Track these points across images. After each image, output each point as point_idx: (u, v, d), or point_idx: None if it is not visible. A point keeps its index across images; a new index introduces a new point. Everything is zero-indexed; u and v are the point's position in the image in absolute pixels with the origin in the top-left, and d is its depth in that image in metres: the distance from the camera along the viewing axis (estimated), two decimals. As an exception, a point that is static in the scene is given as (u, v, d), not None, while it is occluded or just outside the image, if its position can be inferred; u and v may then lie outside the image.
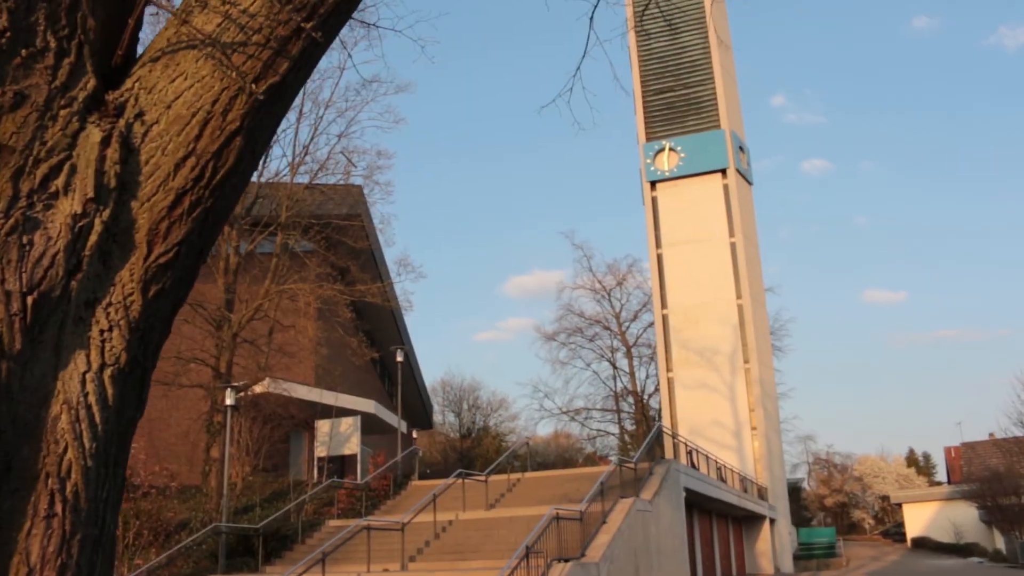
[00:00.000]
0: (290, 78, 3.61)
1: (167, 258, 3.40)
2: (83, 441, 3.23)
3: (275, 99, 3.60)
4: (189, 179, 3.41)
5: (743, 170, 45.39)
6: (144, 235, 3.37)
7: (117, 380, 3.33)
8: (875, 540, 61.87)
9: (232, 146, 3.48)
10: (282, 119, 3.82)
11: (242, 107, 3.48)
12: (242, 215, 28.46)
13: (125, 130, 3.38)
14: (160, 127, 3.42)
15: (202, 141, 3.42)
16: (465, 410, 69.31)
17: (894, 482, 66.09)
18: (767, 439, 41.29)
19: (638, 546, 21.25)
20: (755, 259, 45.46)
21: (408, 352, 48.19)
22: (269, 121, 3.65)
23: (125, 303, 3.33)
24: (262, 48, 3.49)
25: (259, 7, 3.48)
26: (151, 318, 3.43)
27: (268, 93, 3.54)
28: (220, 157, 3.46)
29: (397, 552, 20.60)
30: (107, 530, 3.41)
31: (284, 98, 3.67)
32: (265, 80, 3.52)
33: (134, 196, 3.37)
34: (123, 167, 3.35)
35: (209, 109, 3.43)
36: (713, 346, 42.70)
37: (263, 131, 3.62)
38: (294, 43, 3.56)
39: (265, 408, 29.32)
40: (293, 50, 3.57)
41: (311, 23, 3.56)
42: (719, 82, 45.32)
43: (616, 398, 60.71)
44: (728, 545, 35.51)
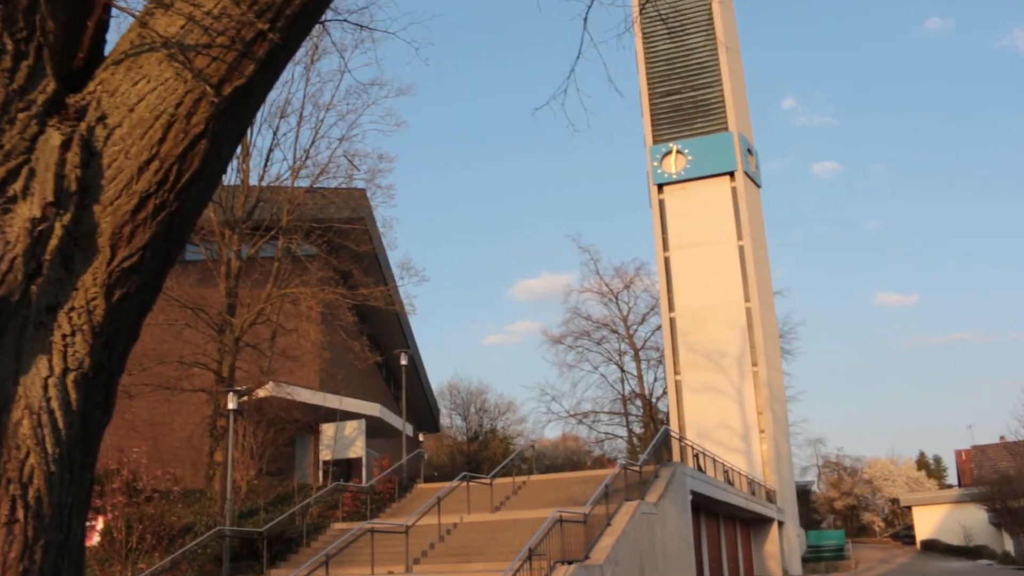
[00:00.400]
0: (257, 80, 3.59)
1: (131, 262, 3.38)
2: (46, 446, 3.21)
3: (241, 102, 3.57)
4: (153, 183, 3.38)
5: (751, 173, 45.24)
6: (107, 239, 3.35)
7: (81, 385, 3.31)
8: (885, 543, 61.59)
9: (197, 149, 3.45)
10: (251, 121, 3.80)
11: (207, 110, 3.45)
12: (243, 219, 28.49)
13: (87, 133, 3.36)
14: (123, 130, 3.40)
15: (166, 144, 3.40)
16: (472, 413, 69.33)
17: (904, 485, 65.81)
18: (775, 442, 41.13)
19: (643, 548, 21.18)
20: (763, 262, 45.30)
21: (413, 355, 48.19)
22: (236, 124, 3.62)
23: (88, 307, 3.31)
24: (227, 50, 3.47)
25: (223, 9, 3.45)
26: (116, 322, 3.40)
27: (234, 96, 3.52)
28: (184, 161, 3.43)
29: (401, 554, 20.58)
30: (73, 535, 3.39)
31: (251, 100, 3.64)
32: (230, 83, 3.49)
33: (96, 200, 3.35)
34: (85, 171, 3.33)
35: (173, 112, 3.41)
36: (721, 349, 42.54)
37: (229, 134, 3.60)
38: (260, 45, 3.53)
39: (269, 412, 29.32)
40: (259, 52, 3.54)
41: (278, 24, 3.54)
42: (727, 84, 45.17)
43: (624, 401, 60.62)
44: (736, 547, 35.39)
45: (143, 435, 31.53)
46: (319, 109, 29.29)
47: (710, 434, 40.75)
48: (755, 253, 43.32)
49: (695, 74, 45.99)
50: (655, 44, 47.00)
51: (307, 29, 3.79)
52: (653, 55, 46.97)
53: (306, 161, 29.17)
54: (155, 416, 31.81)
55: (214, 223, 28.34)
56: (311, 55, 29.15)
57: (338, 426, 32.90)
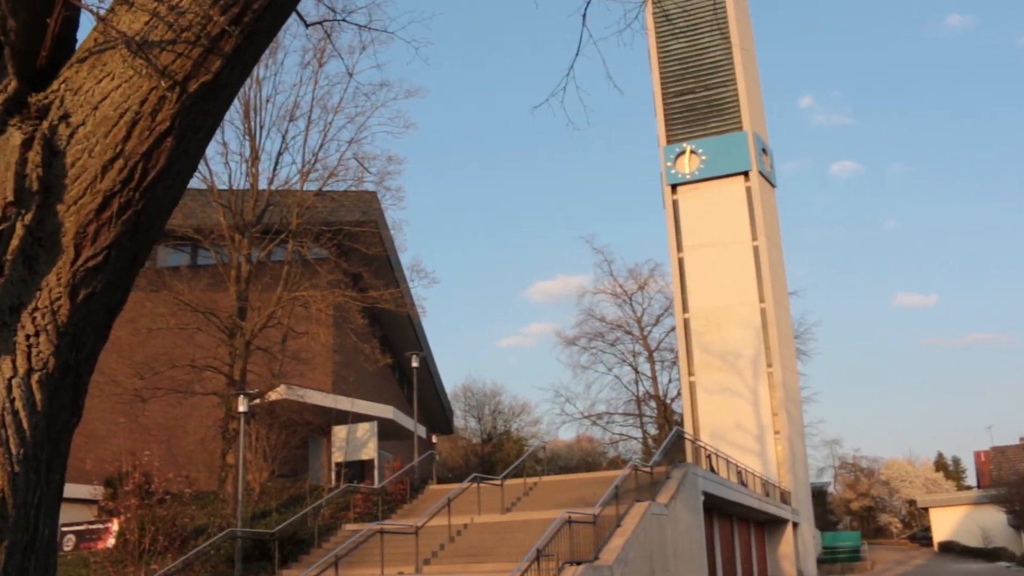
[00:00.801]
0: (224, 76, 3.55)
1: (96, 261, 3.35)
2: (10, 447, 3.19)
3: (209, 98, 3.54)
4: (117, 181, 3.36)
5: (766, 172, 45.01)
6: (71, 239, 3.32)
7: (46, 385, 3.28)
8: (902, 544, 61.17)
9: (163, 147, 3.42)
10: (221, 117, 3.75)
11: (172, 107, 3.42)
12: (253, 223, 28.56)
13: (49, 132, 3.34)
14: (87, 129, 3.37)
15: (130, 142, 3.37)
16: (487, 415, 69.31)
17: (922, 486, 65.34)
18: (790, 443, 40.91)
19: (653, 549, 21.10)
20: (778, 262, 45.07)
21: (426, 357, 48.20)
22: (204, 120, 3.59)
23: (52, 308, 3.28)
24: (192, 46, 3.43)
25: (188, 4, 3.43)
26: (82, 322, 3.38)
27: (200, 92, 3.49)
28: (150, 159, 3.41)
29: (411, 555, 20.58)
30: (40, 536, 3.36)
31: (219, 96, 3.60)
32: (196, 79, 3.46)
33: (60, 199, 3.33)
34: (47, 170, 3.31)
35: (137, 110, 3.38)
36: (735, 350, 42.34)
37: (197, 131, 3.56)
38: (226, 40, 3.50)
39: (281, 415, 29.40)
40: (226, 47, 3.50)
41: (245, 19, 3.51)
42: (741, 83, 44.96)
43: (638, 402, 60.45)
44: (750, 548, 35.22)
45: (157, 438, 31.71)
46: (328, 112, 29.36)
47: (724, 435, 40.58)
48: (770, 253, 43.09)
49: (709, 73, 45.79)
50: (668, 43, 46.85)
51: (278, 23, 3.75)
52: (666, 55, 46.82)
53: (315, 164, 29.23)
54: (169, 419, 31.98)
55: (224, 227, 28.43)
56: (319, 58, 29.22)
57: (350, 428, 32.96)
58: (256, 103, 29.20)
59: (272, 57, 29.50)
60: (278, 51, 29.75)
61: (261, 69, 29.25)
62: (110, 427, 30.38)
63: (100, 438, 30.03)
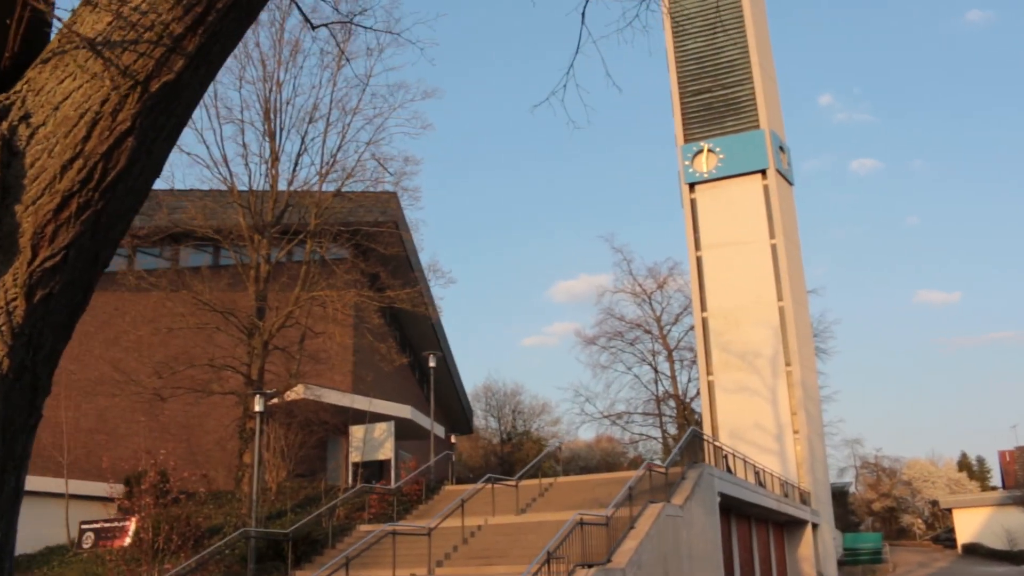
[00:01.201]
0: (188, 76, 3.53)
1: (54, 262, 3.34)
2: (-39, 449, 3.19)
3: (171, 98, 3.52)
4: (76, 181, 3.34)
5: (783, 170, 44.75)
6: (29, 239, 3.31)
7: (1, 387, 3.27)
8: (925, 546, 60.54)
9: (123, 147, 3.40)
10: (186, 118, 3.73)
11: (133, 107, 3.40)
12: (272, 223, 28.68)
13: (8, 133, 3.33)
14: (47, 129, 3.36)
15: (90, 142, 3.35)
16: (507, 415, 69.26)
17: (944, 487, 64.63)
18: (810, 443, 40.62)
19: (668, 551, 20.97)
20: (797, 260, 44.80)
21: (446, 357, 48.23)
22: (167, 120, 3.56)
23: (8, 308, 3.27)
24: (154, 46, 3.42)
25: (151, 4, 3.41)
26: (39, 323, 3.36)
27: (163, 92, 3.47)
28: (110, 158, 3.39)
29: (424, 557, 20.55)
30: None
31: (183, 97, 3.58)
32: (159, 79, 3.44)
33: (18, 200, 3.31)
34: (6, 171, 3.30)
35: (98, 110, 3.37)
36: (754, 349, 42.12)
37: (160, 131, 3.54)
38: (190, 39, 3.48)
39: (299, 414, 29.50)
40: (189, 47, 3.49)
41: (208, 18, 3.49)
42: (758, 81, 44.75)
43: (658, 402, 60.24)
44: (768, 550, 34.97)
45: (177, 437, 31.92)
46: (346, 113, 29.42)
47: (743, 435, 40.37)
48: (788, 251, 42.83)
49: (725, 72, 45.61)
50: (685, 43, 46.72)
51: (245, 22, 3.72)
52: (683, 53, 46.68)
53: (333, 165, 29.31)
54: (189, 418, 32.18)
55: (244, 228, 28.57)
56: (337, 60, 29.28)
57: (367, 428, 33.02)
58: (276, 105, 29.34)
59: (292, 59, 29.63)
60: (297, 54, 29.87)
61: (281, 71, 29.41)
62: (131, 426, 30.61)
63: (121, 436, 30.26)
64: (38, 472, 27.27)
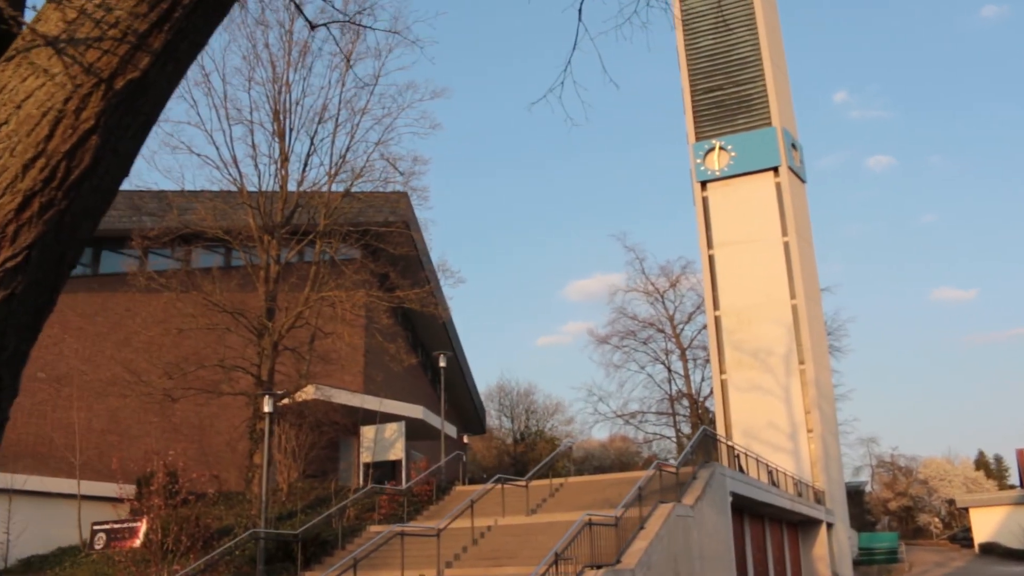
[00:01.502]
0: (154, 73, 3.46)
1: (16, 262, 3.28)
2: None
3: (137, 95, 3.45)
4: (39, 180, 3.28)
5: (796, 168, 44.51)
6: (-10, 239, 3.25)
7: (-37, 389, 3.21)
8: (942, 545, 60.08)
9: (87, 146, 3.34)
10: (155, 116, 3.66)
11: (97, 105, 3.34)
12: (282, 224, 28.69)
13: (-30, 132, 3.27)
14: (9, 128, 3.30)
15: (53, 141, 3.29)
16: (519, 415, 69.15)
17: (961, 485, 64.13)
18: (824, 441, 40.37)
19: (678, 552, 20.84)
20: (810, 258, 44.54)
21: (458, 357, 48.16)
22: (133, 119, 3.50)
23: (-31, 309, 3.21)
24: (119, 43, 3.35)
25: (116, 0, 3.34)
26: (1, 324, 3.30)
27: (128, 90, 3.40)
28: (74, 157, 3.32)
29: (433, 558, 20.48)
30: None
31: (150, 94, 3.51)
32: (123, 76, 3.38)
33: (-21, 200, 3.25)
34: (-32, 170, 3.24)
35: (61, 108, 3.30)
36: (767, 347, 41.90)
37: (126, 129, 3.47)
38: (156, 36, 3.42)
39: (310, 415, 29.50)
40: (155, 44, 3.42)
41: (174, 14, 3.42)
42: (769, 79, 44.53)
43: (671, 401, 60.06)
44: (782, 550, 34.76)
45: (189, 437, 31.97)
46: (355, 114, 29.39)
47: (757, 434, 40.17)
48: (801, 249, 42.59)
49: (737, 69, 45.41)
50: (696, 40, 46.55)
51: (214, 18, 3.65)
52: (694, 51, 46.51)
53: (343, 166, 29.29)
54: (201, 419, 32.23)
55: (253, 228, 28.59)
56: (346, 61, 29.24)
57: (378, 428, 33.00)
58: (286, 106, 29.35)
59: (301, 60, 29.63)
60: (307, 55, 29.86)
61: (290, 72, 29.40)
62: (143, 426, 30.66)
63: (133, 437, 30.31)
64: (50, 473, 27.38)
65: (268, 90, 29.02)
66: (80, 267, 30.65)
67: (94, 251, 30.96)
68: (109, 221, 29.84)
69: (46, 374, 28.61)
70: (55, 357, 29.02)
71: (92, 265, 30.94)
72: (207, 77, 28.22)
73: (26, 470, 26.78)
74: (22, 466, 26.90)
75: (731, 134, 44.56)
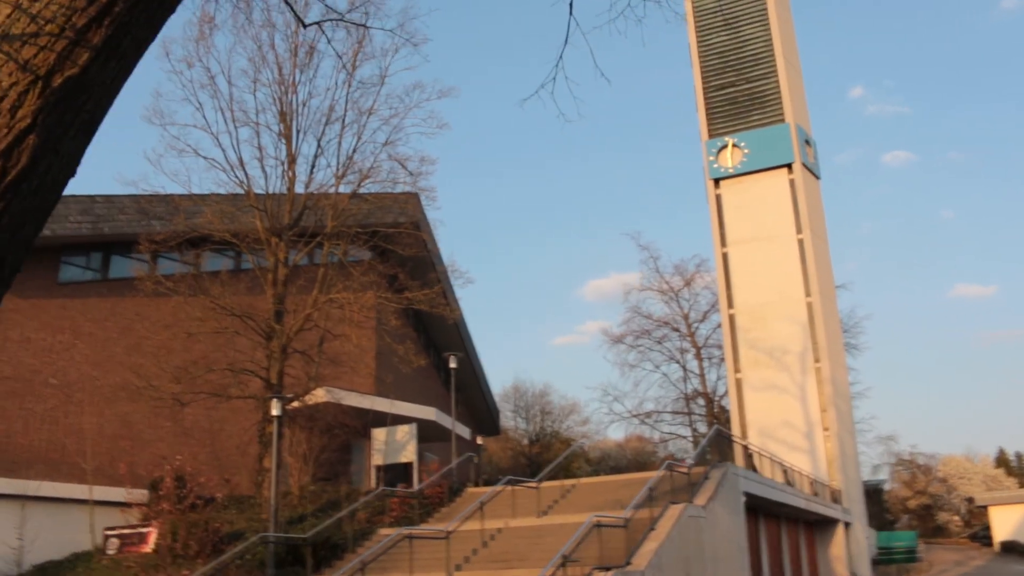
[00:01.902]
0: (96, 70, 3.33)
1: (-50, 267, 3.16)
2: None
3: (78, 93, 3.32)
4: (-28, 182, 3.16)
5: (810, 164, 44.14)
6: (-77, 243, 3.13)
7: None
8: (962, 544, 59.43)
9: (24, 145, 3.21)
10: (100, 114, 3.52)
11: (34, 103, 3.21)
12: (290, 226, 28.62)
13: (-99, 132, 3.15)
14: (-58, 127, 3.18)
15: (-12, 140, 3.17)
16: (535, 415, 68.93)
17: (981, 483, 63.45)
18: (840, 440, 39.98)
19: (690, 553, 20.64)
20: (824, 255, 44.16)
21: (471, 358, 48.02)
22: (75, 117, 3.36)
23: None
24: (56, 39, 3.23)
25: None
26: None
27: (67, 87, 3.27)
28: (10, 157, 3.20)
29: (442, 561, 20.37)
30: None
31: (92, 92, 3.38)
32: (61, 73, 3.25)
33: (-89, 201, 3.13)
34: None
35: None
36: (782, 345, 41.54)
37: (67, 128, 3.34)
38: (95, 32, 3.29)
39: (320, 418, 29.44)
40: (95, 39, 3.29)
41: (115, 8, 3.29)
42: (782, 75, 44.17)
43: (687, 400, 59.67)
44: (799, 550, 34.46)
45: (201, 441, 31.97)
46: (361, 114, 29.29)
47: (773, 433, 39.84)
48: (815, 246, 42.22)
49: (749, 66, 45.07)
50: (708, 37, 46.26)
51: (160, 13, 3.52)
52: (706, 48, 46.21)
53: (350, 167, 29.19)
54: (213, 423, 32.23)
55: (260, 231, 28.55)
56: (352, 61, 29.17)
57: (389, 430, 32.91)
58: (292, 107, 29.29)
59: (308, 61, 29.55)
60: (313, 56, 29.79)
61: (297, 73, 29.33)
62: (155, 431, 30.69)
63: (146, 442, 30.34)
64: (63, 479, 27.44)
65: (274, 92, 28.99)
66: (90, 272, 30.71)
67: (104, 256, 31.02)
68: (118, 226, 29.89)
69: (57, 380, 28.68)
70: (66, 363, 29.08)
71: (102, 270, 31.00)
72: (213, 79, 28.19)
73: (39, 476, 26.86)
74: (35, 472, 26.98)
75: (744, 131, 44.25)
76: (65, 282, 29.84)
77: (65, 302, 29.54)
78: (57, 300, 29.32)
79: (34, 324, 28.50)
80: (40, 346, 28.54)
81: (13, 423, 27.30)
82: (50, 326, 28.90)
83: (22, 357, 28.00)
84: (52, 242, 28.92)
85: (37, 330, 28.54)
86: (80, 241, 29.86)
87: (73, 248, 30.16)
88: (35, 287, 28.69)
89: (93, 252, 30.81)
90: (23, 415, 27.59)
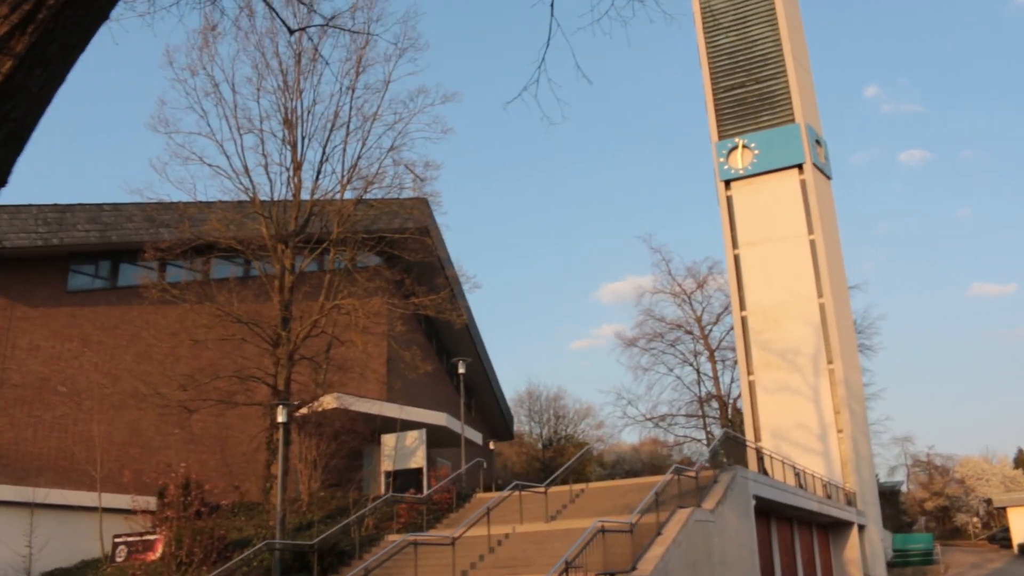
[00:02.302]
0: (21, 78, 3.25)
1: None
2: None
3: (3, 101, 3.24)
4: None
5: (821, 164, 43.86)
6: None
7: None
8: (980, 546, 58.84)
9: (-53, 155, 3.14)
10: (31, 122, 3.43)
11: (-46, 112, 3.14)
12: (296, 233, 28.59)
13: None
14: None
15: (-94, 149, 3.10)
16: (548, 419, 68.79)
17: (999, 484, 62.74)
18: (854, 441, 39.66)
19: (698, 558, 20.45)
20: (837, 255, 43.86)
21: (483, 363, 47.94)
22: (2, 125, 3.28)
23: None
24: (-25, 47, 3.15)
25: None
26: None
27: (-11, 95, 3.20)
28: (-66, 168, 3.13)
29: (449, 567, 20.27)
30: None
31: (17, 99, 3.30)
32: (-18, 81, 3.17)
33: None
34: None
35: (-87, 114, 3.11)
36: (795, 347, 41.27)
37: None
38: (18, 40, 3.20)
39: (329, 425, 29.39)
40: (17, 47, 3.21)
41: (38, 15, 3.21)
42: (792, 75, 43.94)
43: (701, 403, 59.43)
44: (812, 553, 34.16)
45: (211, 448, 32.00)
46: (366, 120, 29.23)
47: (786, 435, 39.59)
48: (827, 247, 41.94)
49: (759, 66, 44.87)
50: (717, 38, 46.09)
51: (89, 21, 3.43)
52: (715, 49, 46.04)
53: (355, 173, 29.13)
54: (222, 430, 32.25)
55: (266, 238, 28.53)
56: (356, 67, 29.13)
57: (398, 436, 32.85)
58: (297, 113, 29.25)
59: (312, 67, 29.51)
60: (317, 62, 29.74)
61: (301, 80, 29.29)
62: (165, 438, 30.72)
63: (155, 449, 30.38)
64: (72, 486, 27.51)
65: (278, 98, 28.95)
66: (99, 280, 30.79)
67: (112, 264, 31.11)
68: (126, 234, 29.97)
69: (66, 388, 28.76)
70: (75, 371, 29.17)
71: (110, 278, 31.09)
72: (216, 87, 28.18)
73: (48, 484, 26.95)
74: (44, 480, 27.07)
75: (754, 132, 44.05)
76: (74, 290, 29.94)
77: (74, 310, 29.63)
78: (66, 308, 29.41)
79: (43, 332, 28.60)
80: (49, 354, 28.64)
81: (22, 431, 27.40)
82: (59, 334, 29.00)
83: (31, 365, 28.10)
84: (60, 251, 29.03)
85: (46, 338, 28.64)
86: (88, 249, 29.95)
87: (81, 256, 30.25)
88: (44, 295, 28.80)
89: (102, 260, 30.90)
90: (32, 423, 27.68)
